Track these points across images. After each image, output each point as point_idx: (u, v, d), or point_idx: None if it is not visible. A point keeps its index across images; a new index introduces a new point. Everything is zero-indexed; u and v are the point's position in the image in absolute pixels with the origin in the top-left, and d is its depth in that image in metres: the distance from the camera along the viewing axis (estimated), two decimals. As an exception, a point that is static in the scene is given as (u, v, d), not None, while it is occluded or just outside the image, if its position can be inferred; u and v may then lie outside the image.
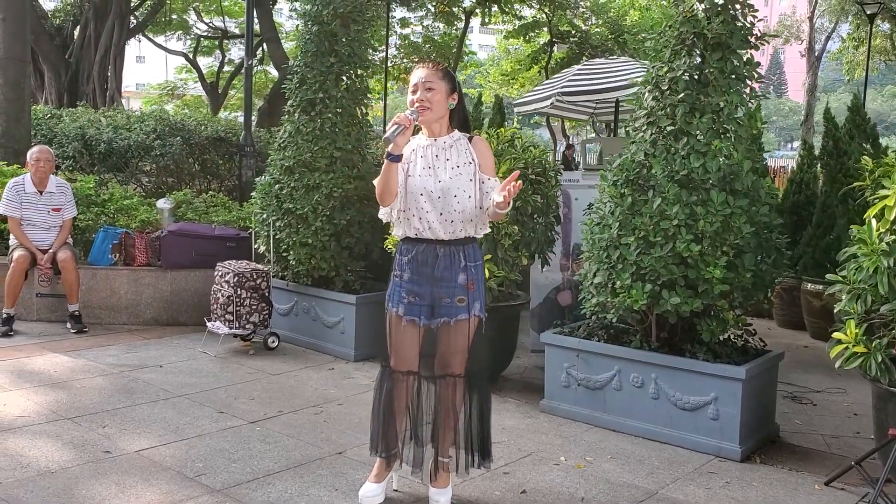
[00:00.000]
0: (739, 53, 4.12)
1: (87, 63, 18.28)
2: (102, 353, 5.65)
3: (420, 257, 3.19)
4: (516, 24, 25.65)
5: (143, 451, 3.91)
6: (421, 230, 3.18)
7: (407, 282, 3.21)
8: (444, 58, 27.55)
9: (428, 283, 3.19)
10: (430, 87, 3.12)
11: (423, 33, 28.40)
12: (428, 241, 3.18)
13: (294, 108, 5.88)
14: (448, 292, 3.18)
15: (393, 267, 3.31)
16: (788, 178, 7.71)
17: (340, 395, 4.96)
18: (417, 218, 3.17)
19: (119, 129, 7.73)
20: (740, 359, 4.17)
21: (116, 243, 6.50)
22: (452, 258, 3.18)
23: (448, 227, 3.16)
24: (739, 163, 4.00)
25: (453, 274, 3.18)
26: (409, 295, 3.21)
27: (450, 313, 3.19)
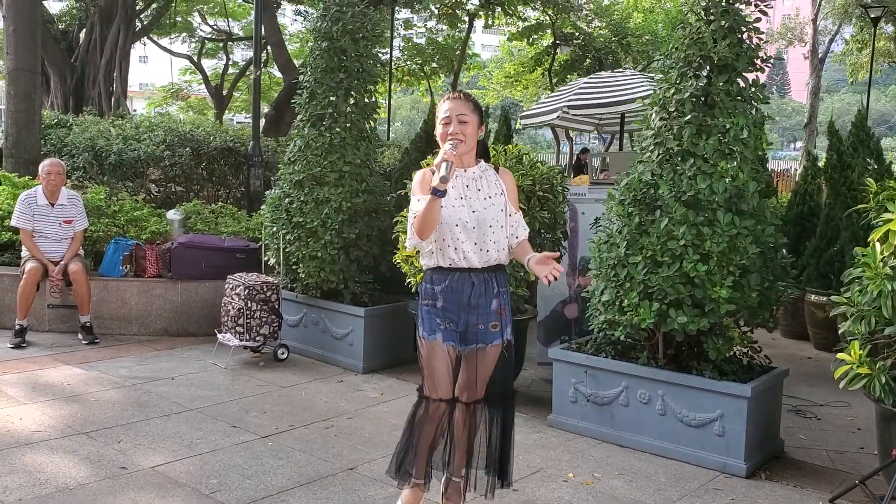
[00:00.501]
0: (745, 76, 4.18)
1: (93, 67, 18.34)
2: (114, 365, 5.72)
3: (455, 286, 3.19)
4: (520, 26, 25.69)
5: (158, 467, 3.98)
6: (456, 260, 3.17)
7: (442, 309, 3.20)
8: (448, 60, 27.68)
9: (463, 311, 3.20)
10: (463, 119, 3.13)
11: (426, 35, 28.46)
12: (462, 269, 3.18)
13: (304, 122, 5.95)
14: (482, 318, 3.20)
15: (421, 295, 3.29)
16: (792, 190, 7.77)
17: (350, 408, 5.02)
18: (453, 248, 3.17)
19: (129, 140, 7.80)
20: (746, 376, 4.24)
21: (127, 255, 6.57)
22: (487, 285, 3.20)
23: (483, 256, 3.18)
24: (745, 184, 4.06)
25: (487, 300, 3.20)
26: (445, 321, 3.20)
27: (485, 339, 3.21)
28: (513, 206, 3.26)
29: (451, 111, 3.14)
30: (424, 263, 3.28)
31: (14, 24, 7.65)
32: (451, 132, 3.11)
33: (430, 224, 3.08)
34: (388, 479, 3.90)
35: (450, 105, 3.16)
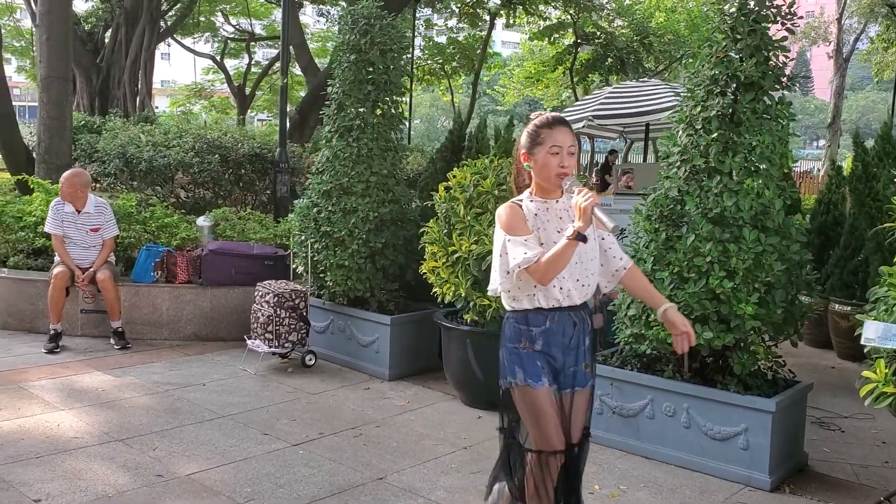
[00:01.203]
0: (772, 94, 4.22)
1: (118, 68, 18.60)
2: (147, 371, 5.85)
3: (556, 326, 2.95)
4: (541, 25, 25.66)
5: (193, 475, 4.09)
6: (561, 300, 2.93)
7: (540, 352, 2.95)
8: (468, 59, 27.72)
9: (561, 352, 2.97)
10: (572, 151, 2.90)
11: (447, 34, 28.52)
12: (561, 308, 2.95)
13: (332, 133, 6.05)
14: (577, 359, 3.00)
15: (510, 337, 3.01)
16: (816, 199, 7.78)
17: (377, 416, 5.11)
18: (558, 288, 2.91)
19: (158, 147, 7.94)
20: (770, 390, 4.28)
21: (159, 261, 6.70)
22: (584, 322, 3.00)
23: (582, 291, 2.97)
24: (771, 201, 4.11)
25: (582, 339, 3.00)
26: (547, 365, 2.96)
27: (582, 381, 3.02)
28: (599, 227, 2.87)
29: (563, 142, 2.87)
30: (517, 306, 2.99)
31: (47, 32, 7.81)
32: (565, 165, 2.87)
33: (561, 270, 2.82)
34: (416, 489, 4.01)
35: (560, 135, 2.88)
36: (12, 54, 26.82)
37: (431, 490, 4.03)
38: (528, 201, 2.97)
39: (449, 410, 5.30)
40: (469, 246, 5.04)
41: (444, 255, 5.22)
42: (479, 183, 5.16)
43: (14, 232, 7.09)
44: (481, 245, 4.99)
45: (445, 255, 5.21)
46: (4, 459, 4.14)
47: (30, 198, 7.33)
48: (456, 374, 5.41)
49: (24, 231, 7.06)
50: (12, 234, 7.09)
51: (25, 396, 5.15)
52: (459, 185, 5.28)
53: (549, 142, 2.88)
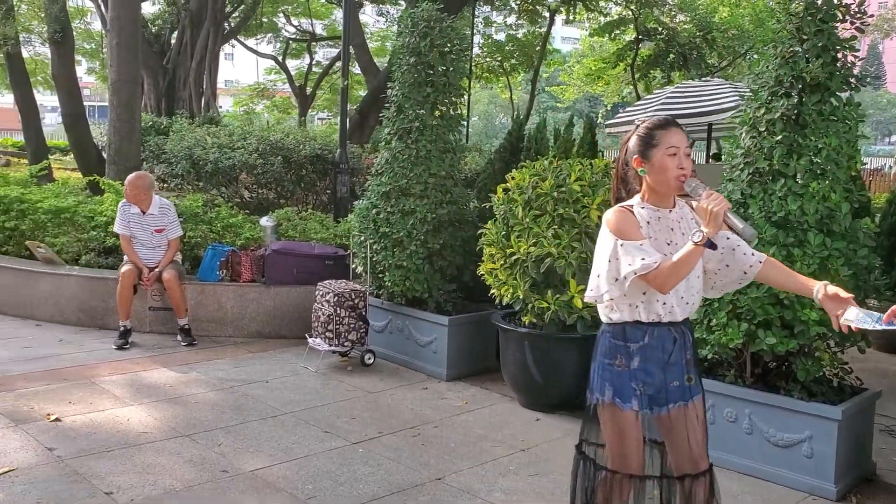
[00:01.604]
0: (839, 95, 4.13)
1: (184, 69, 19.06)
2: (212, 368, 6.01)
3: (655, 342, 2.80)
4: (601, 21, 25.42)
5: (257, 471, 4.19)
6: (662, 315, 2.79)
7: (638, 370, 2.80)
8: (527, 56, 27.62)
9: (660, 370, 2.82)
10: (688, 153, 2.76)
11: (506, 32, 28.47)
12: (661, 324, 2.80)
13: (391, 135, 6.12)
14: (678, 375, 2.84)
15: (604, 352, 2.89)
16: (888, 199, 7.56)
17: (435, 416, 5.16)
18: (661, 303, 2.77)
19: (224, 149, 8.14)
20: (836, 397, 4.19)
21: (224, 260, 6.87)
22: (684, 337, 2.85)
23: (685, 308, 2.83)
24: (837, 204, 4.02)
25: (683, 354, 2.85)
26: (641, 385, 2.81)
27: (683, 395, 2.85)
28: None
29: (680, 143, 2.72)
30: (615, 318, 2.84)
31: (117, 37, 8.07)
32: (684, 166, 2.71)
33: (684, 277, 2.67)
34: (474, 490, 4.05)
35: (676, 136, 2.74)
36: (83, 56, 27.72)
37: (489, 492, 4.06)
38: (638, 207, 2.79)
39: (507, 412, 5.32)
40: (527, 248, 5.05)
41: (502, 256, 5.24)
42: (538, 185, 5.16)
43: (86, 231, 7.35)
44: (540, 247, 5.00)
45: (503, 257, 5.23)
46: (78, 452, 4.31)
47: (101, 198, 7.60)
48: (514, 376, 5.42)
49: (96, 230, 7.31)
50: (84, 233, 7.36)
51: (97, 392, 5.34)
52: (518, 186, 5.29)
53: (664, 143, 2.73)
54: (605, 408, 2.85)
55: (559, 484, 4.17)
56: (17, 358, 6.00)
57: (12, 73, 13.42)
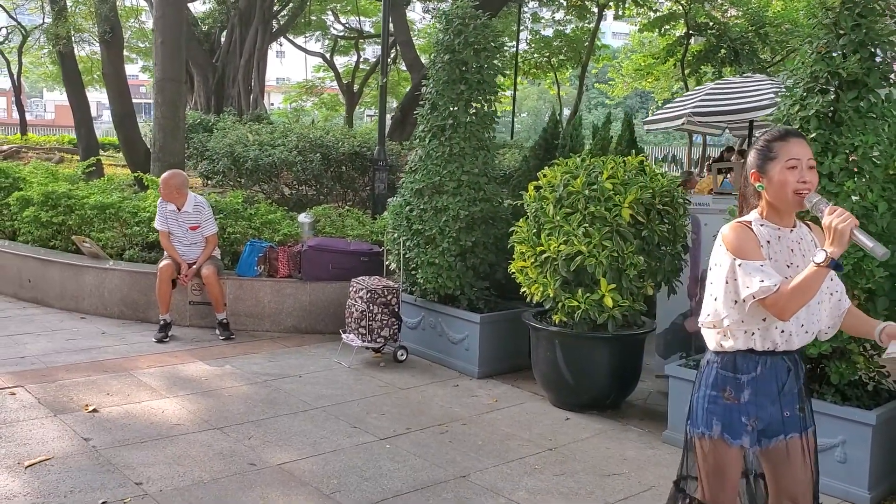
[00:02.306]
0: (877, 92, 4.01)
1: (233, 67, 19.36)
2: (247, 362, 6.10)
3: (767, 373, 2.62)
4: (651, 16, 25.09)
5: (284, 465, 4.24)
6: (779, 343, 2.59)
7: (749, 404, 2.62)
8: (576, 52, 27.40)
9: (771, 402, 2.64)
10: (812, 165, 2.55)
11: (554, 27, 28.29)
12: (776, 353, 2.62)
13: (425, 133, 6.14)
14: (790, 405, 2.65)
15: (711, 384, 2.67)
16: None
17: (465, 414, 5.16)
18: (780, 331, 2.57)
19: (264, 146, 8.25)
20: (871, 402, 4.08)
21: (261, 256, 6.97)
22: (797, 365, 2.67)
23: (805, 338, 2.62)
24: (874, 203, 3.91)
25: (797, 383, 2.67)
26: (752, 420, 2.63)
27: (796, 427, 2.66)
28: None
29: (802, 154, 2.53)
30: (727, 345, 2.65)
31: (161, 36, 8.23)
32: (806, 180, 2.52)
33: (807, 301, 2.45)
34: (498, 488, 4.04)
35: (797, 147, 2.55)
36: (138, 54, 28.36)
37: (513, 490, 4.05)
38: (757, 224, 2.59)
39: (536, 411, 5.29)
40: (558, 246, 5.02)
41: (533, 254, 5.21)
42: (570, 183, 5.12)
43: (130, 227, 7.52)
44: (570, 245, 4.96)
45: (534, 255, 5.20)
46: (112, 443, 4.42)
47: (144, 194, 7.76)
48: (544, 375, 5.39)
49: (139, 226, 7.47)
50: (129, 228, 7.52)
51: (135, 384, 5.47)
52: (549, 184, 5.26)
53: (784, 155, 2.53)
54: (710, 442, 2.66)
55: (584, 484, 4.15)
56: (60, 350, 6.17)
57: (65, 72, 13.81)
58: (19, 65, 23.84)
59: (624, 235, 4.94)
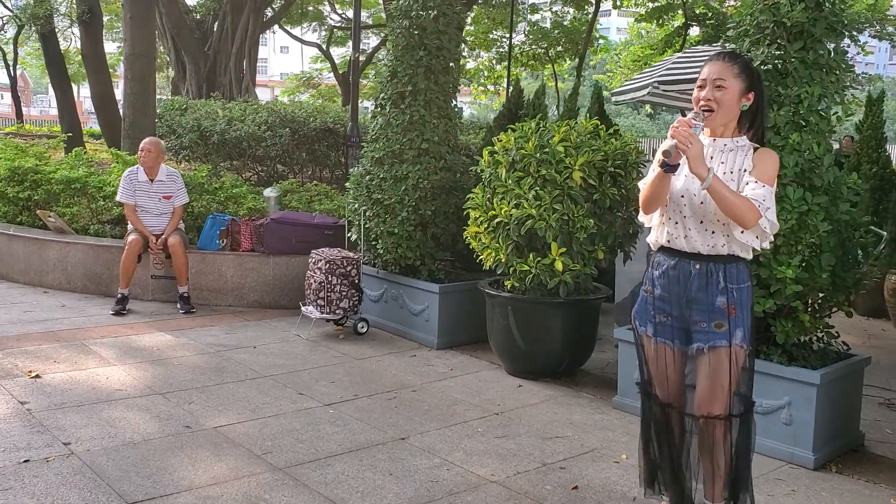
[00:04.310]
0: (824, 42, 3.90)
1: (225, 55, 19.25)
2: (204, 333, 6.02)
3: (672, 273, 2.83)
4: (649, 6, 24.93)
5: (220, 428, 4.16)
6: (675, 236, 2.82)
7: (658, 299, 2.87)
8: (574, 43, 27.23)
9: (679, 304, 2.83)
10: (720, 84, 2.74)
11: (552, 18, 28.13)
12: (682, 254, 2.81)
13: (385, 101, 6.04)
14: (704, 316, 2.79)
15: (643, 280, 2.97)
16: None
17: (416, 381, 5.07)
18: (674, 222, 2.82)
19: (233, 121, 8.16)
20: (818, 363, 3.97)
21: (224, 229, 6.88)
22: (709, 277, 2.77)
23: (708, 238, 2.77)
24: (820, 157, 3.80)
25: (710, 296, 2.78)
26: (660, 314, 2.87)
27: (705, 339, 2.80)
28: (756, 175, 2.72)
29: (709, 74, 2.76)
30: (650, 240, 2.95)
31: (131, 11, 8.15)
32: (703, 97, 2.75)
33: (653, 199, 2.79)
34: (436, 450, 3.95)
35: (709, 68, 2.77)
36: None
37: (450, 451, 3.95)
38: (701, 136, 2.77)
39: (490, 378, 5.20)
40: (509, 210, 4.91)
41: (486, 219, 5.11)
42: (522, 146, 5.02)
43: (96, 201, 7.44)
44: (521, 209, 4.86)
45: (486, 220, 5.10)
46: (48, 406, 4.33)
47: (110, 168, 7.68)
48: (498, 343, 5.30)
49: (105, 200, 7.39)
50: (95, 203, 7.45)
51: (84, 352, 5.38)
52: (504, 148, 5.16)
53: (699, 80, 2.82)
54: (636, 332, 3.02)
55: (524, 446, 4.05)
56: (16, 321, 6.10)
57: (47, 54, 13.74)
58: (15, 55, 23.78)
59: (574, 198, 4.83)
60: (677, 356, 2.89)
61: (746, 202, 2.64)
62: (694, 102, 2.79)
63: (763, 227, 2.70)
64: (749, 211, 2.63)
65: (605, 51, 31.92)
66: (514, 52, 25.66)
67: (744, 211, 2.63)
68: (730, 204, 2.63)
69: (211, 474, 3.59)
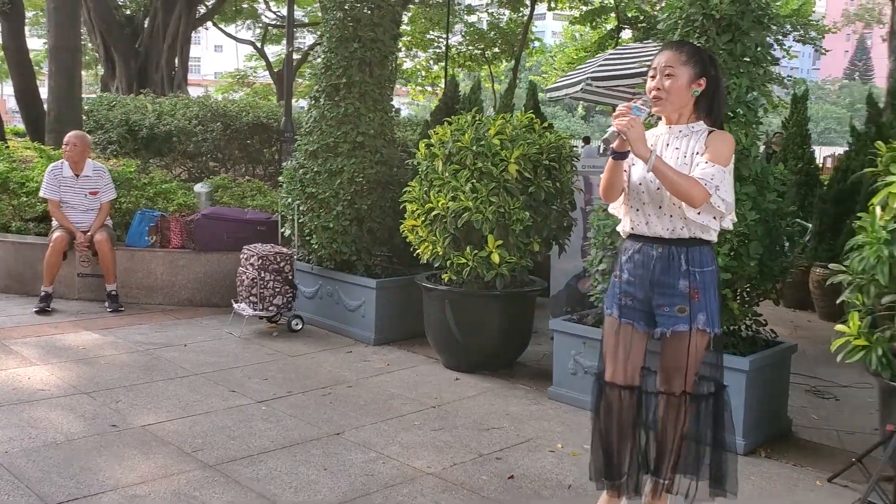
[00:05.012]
0: (752, 35, 3.98)
1: (156, 52, 18.83)
2: (132, 332, 5.84)
3: (637, 257, 2.89)
4: (583, 9, 25.29)
5: (148, 426, 4.03)
6: (638, 223, 2.89)
7: (625, 283, 2.91)
8: (510, 44, 27.43)
9: (643, 288, 2.88)
10: (669, 73, 2.79)
11: (489, 20, 28.29)
12: (646, 239, 2.88)
13: (319, 93, 5.95)
14: (666, 300, 2.84)
15: (613, 266, 3.06)
16: (834, 167, 7.43)
17: (352, 377, 5.01)
18: (635, 210, 2.89)
19: (163, 116, 7.95)
20: (748, 350, 4.04)
21: (153, 226, 6.69)
22: (671, 261, 2.83)
23: (667, 222, 2.82)
24: (748, 148, 3.87)
25: (672, 279, 2.82)
26: (625, 297, 2.91)
27: (667, 323, 2.85)
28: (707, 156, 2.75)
29: (659, 63, 2.82)
30: (619, 229, 3.06)
31: (54, 2, 7.86)
32: (653, 86, 2.81)
33: (610, 188, 2.86)
34: (371, 443, 3.90)
35: (658, 58, 2.85)
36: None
37: (386, 445, 3.91)
38: (660, 125, 2.96)
39: (427, 373, 5.17)
40: (446, 202, 4.89)
41: (423, 212, 5.08)
42: (459, 139, 5.00)
43: (18, 197, 7.16)
44: (457, 202, 4.84)
45: (423, 213, 5.07)
46: (-37, 408, 4.14)
47: (33, 164, 7.41)
48: (435, 336, 5.27)
49: (28, 196, 7.12)
50: (17, 199, 7.17)
51: (4, 352, 5.17)
52: (440, 141, 5.13)
53: (650, 69, 2.89)
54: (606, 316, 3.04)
55: (460, 438, 4.03)
56: (-70, 321, 5.83)
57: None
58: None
59: (510, 191, 4.84)
60: (640, 337, 2.94)
61: (690, 181, 2.67)
62: (647, 91, 2.85)
63: (716, 206, 2.71)
64: (693, 189, 2.65)
65: (540, 52, 32.28)
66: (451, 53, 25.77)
67: (687, 189, 2.66)
68: (673, 183, 2.67)
69: (138, 473, 3.47)
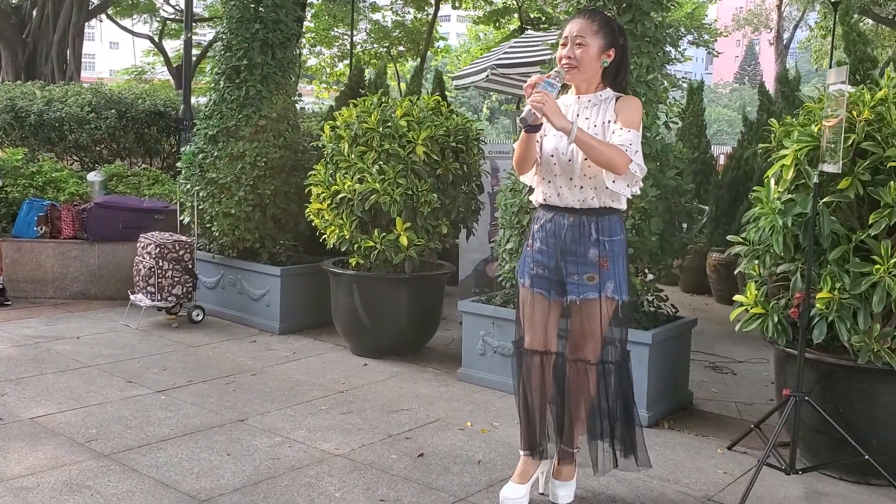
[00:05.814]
0: (652, 16, 4.06)
1: (46, 43, 17.97)
2: (20, 326, 5.53)
3: (549, 226, 2.89)
4: (486, 9, 25.57)
5: (37, 419, 3.81)
6: (549, 195, 2.90)
7: (537, 252, 2.92)
8: (415, 43, 27.44)
9: (554, 256, 2.88)
10: (580, 42, 2.77)
11: (393, 18, 28.24)
12: (557, 209, 2.88)
13: (219, 75, 5.78)
14: (576, 268, 2.85)
15: (526, 236, 3.07)
16: (728, 155, 7.72)
17: (256, 366, 4.87)
18: (547, 182, 2.90)
19: (53, 102, 7.56)
20: (650, 324, 4.13)
21: (42, 215, 6.35)
22: (581, 230, 2.83)
23: (577, 193, 2.83)
24: (648, 126, 3.95)
25: (582, 248, 2.84)
26: (537, 266, 2.92)
27: (577, 291, 2.85)
28: (621, 122, 2.76)
29: (570, 32, 2.79)
30: (532, 198, 3.05)
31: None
32: (564, 55, 2.79)
33: (524, 160, 2.89)
34: (277, 429, 3.79)
35: (570, 26, 2.81)
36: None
37: (293, 430, 3.81)
38: (569, 95, 2.94)
39: (335, 360, 5.08)
40: (352, 185, 4.81)
41: (329, 195, 4.98)
42: (365, 120, 4.93)
43: None
44: (364, 184, 4.76)
45: (329, 197, 4.98)
46: None
47: None
48: (343, 323, 5.18)
49: None
50: None
51: None
52: (345, 123, 5.05)
53: (561, 38, 2.87)
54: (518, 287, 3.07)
55: (369, 420, 3.97)
56: None
57: None
58: None
59: (418, 173, 4.80)
60: (552, 306, 2.95)
61: (614, 148, 2.69)
62: (557, 60, 2.85)
63: (633, 172, 2.74)
64: (617, 156, 2.67)
65: (445, 51, 32.42)
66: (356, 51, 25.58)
67: (612, 156, 2.67)
68: (597, 153, 2.68)
69: (25, 465, 3.27)
